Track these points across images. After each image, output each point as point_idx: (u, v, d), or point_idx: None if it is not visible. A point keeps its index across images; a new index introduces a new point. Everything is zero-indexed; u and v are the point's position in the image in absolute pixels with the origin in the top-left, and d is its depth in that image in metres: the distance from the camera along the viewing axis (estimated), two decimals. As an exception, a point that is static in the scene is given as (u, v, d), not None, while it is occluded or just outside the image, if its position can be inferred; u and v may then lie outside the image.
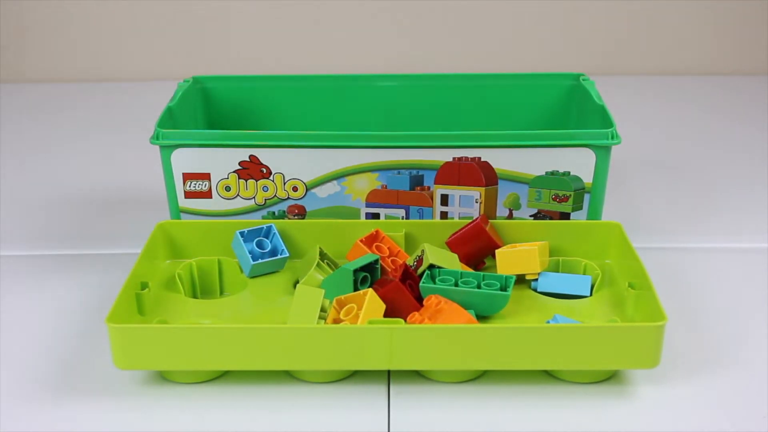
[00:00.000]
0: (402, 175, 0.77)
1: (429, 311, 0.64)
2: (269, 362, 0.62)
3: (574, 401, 0.62)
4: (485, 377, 0.65)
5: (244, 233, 0.74)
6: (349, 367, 0.64)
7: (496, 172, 0.76)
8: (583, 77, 0.89)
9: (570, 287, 0.72)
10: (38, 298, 0.77)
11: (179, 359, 0.62)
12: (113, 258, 0.82)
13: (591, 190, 0.77)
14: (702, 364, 0.66)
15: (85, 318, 0.73)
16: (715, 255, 0.83)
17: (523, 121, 0.91)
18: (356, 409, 0.62)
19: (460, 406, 0.62)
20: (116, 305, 0.63)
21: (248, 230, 0.74)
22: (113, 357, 0.62)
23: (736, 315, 0.73)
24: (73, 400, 0.63)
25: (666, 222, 0.90)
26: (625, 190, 0.96)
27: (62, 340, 0.70)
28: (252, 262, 0.72)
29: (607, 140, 0.75)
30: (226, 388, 0.64)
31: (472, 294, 0.67)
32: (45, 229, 0.90)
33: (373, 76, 0.91)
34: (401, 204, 0.78)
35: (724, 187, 0.97)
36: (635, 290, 0.67)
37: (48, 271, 0.81)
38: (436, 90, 0.91)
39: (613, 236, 0.75)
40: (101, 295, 0.75)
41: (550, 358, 0.61)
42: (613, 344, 0.61)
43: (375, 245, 0.73)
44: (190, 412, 0.62)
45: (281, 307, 0.69)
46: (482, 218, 0.75)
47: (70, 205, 0.94)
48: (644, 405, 0.62)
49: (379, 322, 0.62)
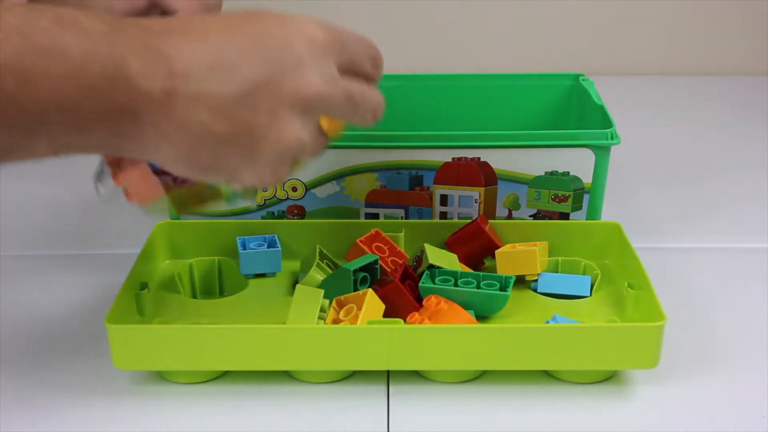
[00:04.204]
0: (401, 175, 0.77)
1: (429, 311, 0.64)
2: (269, 362, 0.62)
3: (574, 401, 0.62)
4: (485, 377, 0.65)
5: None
6: (349, 368, 0.64)
7: (495, 173, 0.76)
8: (583, 77, 0.89)
9: (569, 287, 0.72)
10: (38, 298, 0.77)
11: (179, 359, 0.62)
12: (113, 258, 0.82)
13: (590, 191, 0.77)
14: (702, 364, 0.66)
15: (84, 318, 0.73)
16: (715, 255, 0.83)
17: (522, 121, 0.91)
18: (356, 409, 0.62)
19: (460, 406, 0.62)
20: (116, 305, 0.63)
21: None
22: (113, 357, 0.62)
23: (736, 315, 0.73)
24: (73, 400, 0.63)
25: (666, 222, 0.89)
26: (624, 190, 0.95)
27: (62, 340, 0.70)
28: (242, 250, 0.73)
29: (606, 140, 0.75)
30: (226, 388, 0.64)
31: (472, 294, 0.67)
32: (45, 229, 0.90)
33: (373, 76, 0.90)
34: (401, 204, 0.78)
35: (724, 187, 0.97)
36: (635, 290, 0.67)
37: (48, 271, 0.81)
38: (435, 90, 0.91)
39: (613, 236, 0.75)
40: (101, 295, 0.75)
41: (550, 358, 0.62)
42: (613, 344, 0.61)
43: (374, 245, 0.73)
44: (190, 412, 0.62)
45: (281, 307, 0.68)
46: (482, 218, 0.75)
47: (70, 205, 0.94)
48: (644, 405, 0.62)
49: (379, 322, 0.62)
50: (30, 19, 0.45)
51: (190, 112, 0.48)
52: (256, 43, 0.50)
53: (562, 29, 1.36)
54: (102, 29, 0.47)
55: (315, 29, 0.51)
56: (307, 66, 0.50)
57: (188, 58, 0.48)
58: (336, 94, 0.51)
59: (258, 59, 0.49)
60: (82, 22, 0.46)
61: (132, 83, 0.47)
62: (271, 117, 0.50)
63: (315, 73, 0.50)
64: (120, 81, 0.47)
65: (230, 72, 0.49)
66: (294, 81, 0.50)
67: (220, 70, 0.49)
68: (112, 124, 0.47)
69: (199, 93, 0.48)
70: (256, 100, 0.49)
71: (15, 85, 0.45)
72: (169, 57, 0.48)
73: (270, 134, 0.50)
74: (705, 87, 1.31)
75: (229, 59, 0.49)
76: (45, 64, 0.45)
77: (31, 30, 0.45)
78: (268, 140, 0.50)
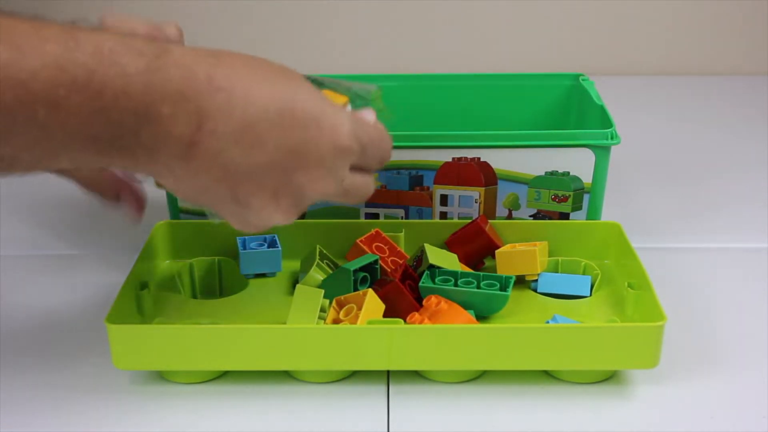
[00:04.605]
0: (401, 175, 0.77)
1: (429, 311, 0.64)
2: (269, 362, 0.62)
3: (574, 401, 0.62)
4: (485, 377, 0.65)
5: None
6: (349, 368, 0.64)
7: (495, 173, 0.76)
8: (583, 77, 0.89)
9: (569, 287, 0.72)
10: (38, 298, 0.77)
11: (179, 359, 0.62)
12: (113, 258, 0.82)
13: (590, 190, 0.77)
14: (702, 364, 0.66)
15: (84, 318, 0.73)
16: (715, 255, 0.83)
17: (522, 121, 0.91)
18: (356, 409, 0.62)
19: (460, 406, 0.62)
20: (116, 305, 0.63)
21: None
22: (113, 357, 0.62)
23: (736, 315, 0.73)
24: (72, 400, 0.63)
25: (666, 222, 0.89)
26: (624, 190, 0.96)
27: (62, 340, 0.70)
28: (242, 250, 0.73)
29: (606, 140, 0.75)
30: (226, 388, 0.64)
31: (472, 294, 0.67)
32: (45, 229, 0.90)
33: (373, 76, 0.90)
34: (401, 204, 0.78)
35: (724, 187, 0.97)
36: (635, 290, 0.67)
37: (48, 271, 0.81)
38: (435, 90, 0.91)
39: (613, 236, 0.75)
40: (101, 295, 0.75)
41: (550, 358, 0.62)
42: (613, 344, 0.61)
43: (374, 245, 0.73)
44: (190, 412, 0.62)
45: (281, 307, 0.69)
46: (482, 218, 0.75)
47: (70, 205, 0.94)
48: (644, 405, 0.62)
49: (379, 322, 0.62)
50: (69, 50, 0.45)
51: (203, 166, 0.50)
52: (289, 129, 0.51)
53: (562, 29, 1.36)
54: (140, 67, 0.47)
55: (345, 136, 0.53)
56: (324, 168, 0.52)
57: (221, 118, 0.49)
58: (336, 191, 0.54)
59: (284, 145, 0.51)
60: (120, 57, 0.46)
61: (160, 126, 0.48)
62: (272, 198, 0.52)
63: (327, 175, 0.53)
64: (149, 122, 0.48)
65: (254, 147, 0.50)
66: (306, 177, 0.52)
67: (246, 141, 0.50)
68: (130, 154, 0.49)
69: (219, 154, 0.50)
70: (265, 180, 0.51)
71: (45, 115, 0.45)
72: (202, 111, 0.49)
73: (264, 211, 0.53)
74: (705, 87, 1.31)
75: (258, 134, 0.50)
76: (78, 98, 0.45)
77: (69, 62, 0.45)
78: (261, 214, 0.53)
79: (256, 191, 0.52)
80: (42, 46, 0.45)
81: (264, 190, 0.52)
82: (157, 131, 0.48)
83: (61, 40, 0.45)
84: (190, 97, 0.48)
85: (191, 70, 0.48)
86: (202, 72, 0.49)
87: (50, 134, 0.46)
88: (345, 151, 0.53)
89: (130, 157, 0.49)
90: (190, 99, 0.48)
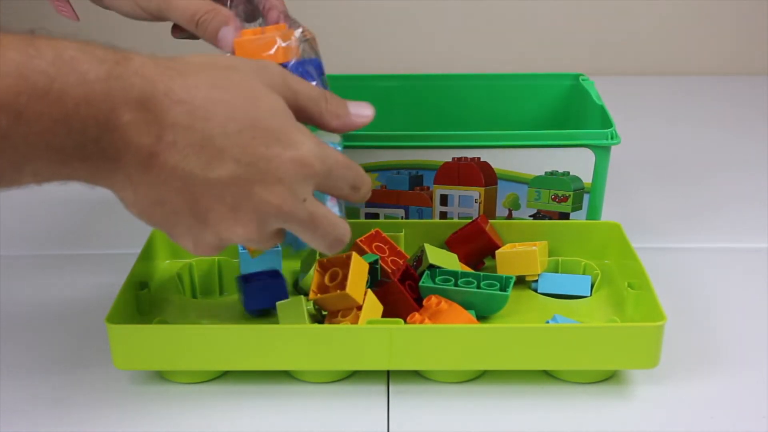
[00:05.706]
0: (401, 175, 0.77)
1: (429, 311, 0.64)
2: (269, 362, 0.62)
3: (574, 401, 0.62)
4: (485, 377, 0.65)
5: None
6: (349, 368, 0.64)
7: (495, 172, 0.76)
8: (583, 77, 0.89)
9: (570, 287, 0.72)
10: (38, 298, 0.77)
11: (179, 359, 0.62)
12: (113, 258, 0.82)
13: (590, 190, 0.77)
14: (702, 365, 0.66)
15: (85, 318, 0.73)
16: (715, 255, 0.83)
17: (522, 121, 0.91)
18: (356, 409, 0.62)
19: (460, 406, 0.62)
20: (116, 305, 0.63)
21: None
22: (113, 357, 0.62)
23: (736, 315, 0.73)
24: (73, 400, 0.63)
25: (666, 222, 0.89)
26: (624, 190, 0.96)
27: (62, 340, 0.70)
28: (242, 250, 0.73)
29: (606, 140, 0.75)
30: (226, 388, 0.64)
31: (472, 294, 0.67)
32: (45, 229, 0.90)
33: (373, 76, 0.91)
34: (401, 204, 0.78)
35: (724, 187, 0.97)
36: (635, 290, 0.67)
37: (48, 271, 0.81)
38: (435, 90, 0.91)
39: (613, 236, 0.75)
40: (101, 295, 0.75)
41: (550, 358, 0.62)
42: (613, 344, 0.61)
43: (374, 245, 0.73)
44: (190, 412, 0.62)
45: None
46: (482, 218, 0.75)
47: (70, 205, 0.94)
48: (644, 405, 0.62)
49: (379, 322, 0.62)
50: (30, 58, 0.45)
51: (162, 177, 0.50)
52: (250, 144, 0.51)
53: (562, 29, 1.36)
54: (100, 74, 0.47)
55: (311, 157, 0.52)
56: (284, 184, 0.51)
57: (181, 130, 0.49)
58: (298, 213, 0.53)
59: (245, 159, 0.50)
60: (80, 64, 0.46)
61: (120, 133, 0.48)
62: (230, 211, 0.52)
63: (287, 192, 0.52)
64: (110, 129, 0.47)
65: (214, 159, 0.50)
66: (266, 191, 0.51)
67: (206, 154, 0.50)
68: (92, 163, 0.49)
69: (178, 166, 0.49)
70: (225, 192, 0.51)
71: (7, 124, 0.45)
72: (163, 121, 0.48)
73: (222, 225, 0.52)
74: (705, 87, 1.31)
75: (219, 146, 0.50)
76: (39, 106, 0.45)
77: (29, 70, 0.45)
78: (218, 228, 0.52)
79: (214, 204, 0.51)
80: (2, 53, 0.45)
81: (222, 204, 0.51)
82: (118, 139, 0.48)
83: (21, 47, 0.45)
84: (150, 107, 0.48)
85: (151, 81, 0.48)
86: (162, 84, 0.49)
87: (13, 145, 0.45)
88: (306, 167, 0.52)
89: (93, 168, 0.49)
90: (150, 109, 0.48)
